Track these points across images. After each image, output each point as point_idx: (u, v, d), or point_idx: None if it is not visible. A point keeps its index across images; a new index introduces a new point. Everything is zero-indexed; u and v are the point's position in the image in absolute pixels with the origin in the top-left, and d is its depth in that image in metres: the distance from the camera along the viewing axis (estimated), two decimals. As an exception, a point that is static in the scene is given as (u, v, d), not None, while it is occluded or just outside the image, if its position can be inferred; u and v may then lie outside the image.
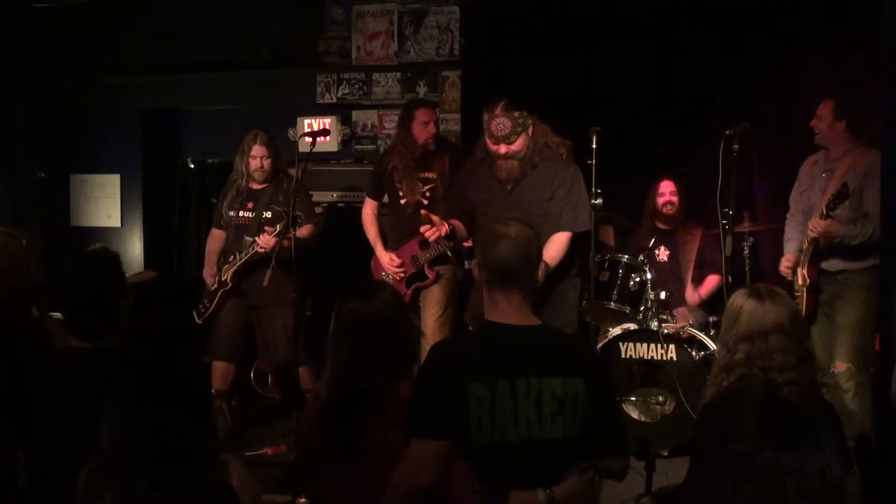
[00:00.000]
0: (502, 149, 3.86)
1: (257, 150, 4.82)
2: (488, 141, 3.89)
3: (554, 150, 3.93)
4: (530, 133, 3.88)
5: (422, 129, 4.71)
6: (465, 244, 4.43)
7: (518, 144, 3.84)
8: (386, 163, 4.86)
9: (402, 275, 4.69)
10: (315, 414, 2.52)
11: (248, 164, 4.88)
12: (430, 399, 2.30)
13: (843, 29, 4.95)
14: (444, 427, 2.26)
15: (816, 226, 4.12)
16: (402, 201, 4.76)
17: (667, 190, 5.15)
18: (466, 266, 4.67)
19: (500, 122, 3.83)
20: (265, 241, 4.68)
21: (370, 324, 2.47)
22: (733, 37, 5.15)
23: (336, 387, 2.47)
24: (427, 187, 4.71)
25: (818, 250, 4.21)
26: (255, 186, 4.92)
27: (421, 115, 4.71)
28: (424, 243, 4.63)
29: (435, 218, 3.88)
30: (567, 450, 2.35)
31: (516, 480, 2.29)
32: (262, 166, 4.84)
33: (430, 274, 4.65)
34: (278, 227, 4.62)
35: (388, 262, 4.75)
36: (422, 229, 4.00)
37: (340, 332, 2.50)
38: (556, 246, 3.84)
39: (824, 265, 4.26)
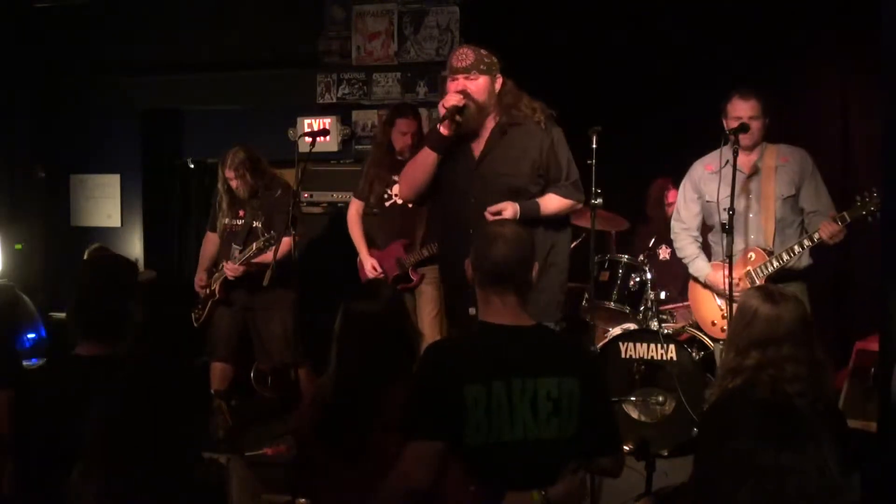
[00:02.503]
0: (459, 84, 3.31)
1: (229, 174, 4.85)
2: (448, 81, 3.38)
3: (528, 115, 3.42)
4: (496, 84, 3.39)
5: (399, 138, 4.77)
6: None
7: (479, 85, 3.31)
8: (371, 163, 4.92)
9: (381, 276, 4.75)
10: (316, 414, 2.51)
11: (228, 185, 4.91)
12: (425, 400, 2.30)
13: (844, 29, 4.95)
14: (439, 428, 2.25)
15: (836, 232, 3.81)
16: (387, 203, 4.80)
17: (674, 200, 5.16)
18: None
19: (462, 52, 3.34)
20: (231, 269, 4.81)
21: (380, 324, 2.48)
22: (733, 36, 5.15)
23: (343, 388, 2.46)
24: None
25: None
26: (245, 195, 4.93)
27: (400, 124, 4.77)
28: (410, 247, 4.69)
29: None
30: (563, 449, 2.35)
31: (513, 481, 2.29)
32: (239, 185, 4.87)
33: (414, 277, 4.73)
34: (246, 254, 4.73)
35: (369, 268, 4.82)
36: None
37: (349, 333, 2.50)
38: (554, 202, 3.41)
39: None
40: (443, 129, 3.33)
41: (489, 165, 3.41)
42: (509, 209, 3.30)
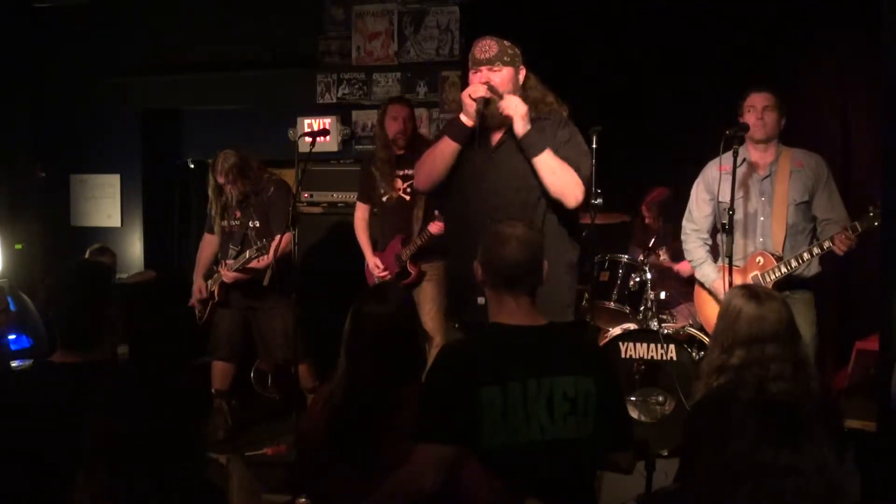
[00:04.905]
0: (483, 75, 3.24)
1: (220, 179, 4.82)
2: (470, 73, 3.31)
3: (554, 108, 3.36)
4: (520, 77, 3.32)
5: (391, 123, 4.76)
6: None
7: (502, 76, 3.24)
8: (368, 164, 4.91)
9: (388, 277, 4.73)
10: (324, 417, 2.49)
11: (218, 189, 4.90)
12: (439, 403, 2.29)
13: (844, 29, 4.95)
14: (452, 432, 2.24)
15: (852, 242, 3.78)
16: (385, 199, 4.80)
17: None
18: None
19: (486, 43, 3.25)
20: (226, 276, 4.81)
21: (390, 325, 2.46)
22: (733, 36, 5.15)
23: (353, 392, 2.45)
24: (406, 184, 4.76)
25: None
26: (237, 199, 4.91)
27: (392, 109, 4.78)
28: (406, 240, 4.68)
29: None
30: (580, 449, 2.34)
31: (531, 482, 2.27)
32: (231, 190, 4.85)
33: (412, 270, 4.71)
34: (240, 261, 4.73)
35: (373, 267, 4.82)
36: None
37: (358, 334, 2.47)
38: (557, 161, 3.21)
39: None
40: (466, 120, 3.26)
41: (506, 152, 3.30)
42: (516, 105, 3.16)
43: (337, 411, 2.45)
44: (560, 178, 3.22)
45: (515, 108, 3.21)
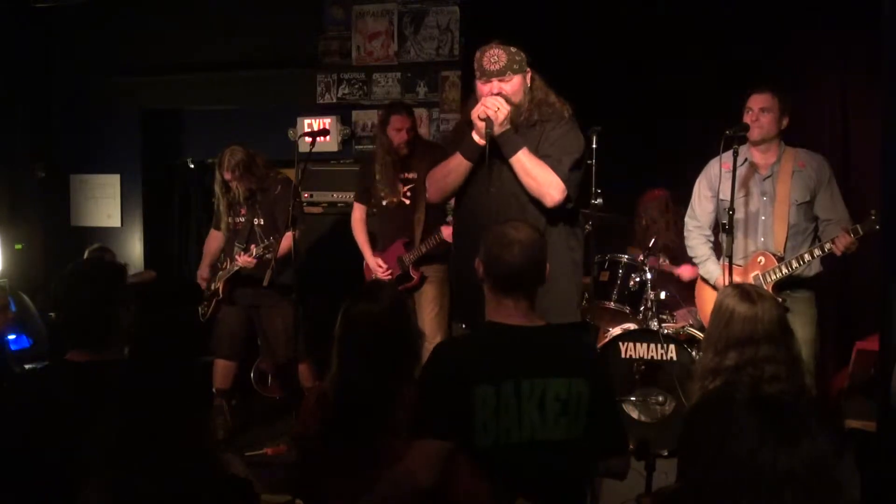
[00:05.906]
0: (494, 87, 3.25)
1: (227, 175, 4.84)
2: (478, 83, 3.31)
3: (557, 108, 3.36)
4: (528, 81, 3.34)
5: (395, 135, 4.77)
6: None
7: (514, 86, 3.26)
8: (369, 165, 4.91)
9: (391, 277, 4.72)
10: (319, 417, 2.49)
11: (225, 185, 4.91)
12: (434, 400, 2.29)
13: (844, 29, 4.95)
14: (448, 427, 2.24)
15: (849, 244, 3.82)
16: (385, 202, 4.81)
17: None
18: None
19: (494, 53, 3.25)
20: (244, 261, 4.79)
21: (382, 324, 2.44)
22: (733, 37, 5.15)
23: (345, 392, 2.44)
24: (407, 188, 4.76)
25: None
26: (244, 195, 4.93)
27: (395, 121, 4.77)
28: (409, 245, 4.69)
29: None
30: (571, 450, 2.34)
31: (521, 482, 2.28)
32: (237, 185, 4.87)
33: (414, 275, 4.73)
34: (256, 250, 4.71)
35: (375, 266, 4.82)
36: None
37: (350, 334, 2.46)
38: (537, 161, 3.20)
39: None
40: (478, 140, 3.25)
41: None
42: (504, 112, 3.17)
43: (329, 411, 2.44)
44: (535, 178, 3.20)
45: (495, 115, 3.18)
